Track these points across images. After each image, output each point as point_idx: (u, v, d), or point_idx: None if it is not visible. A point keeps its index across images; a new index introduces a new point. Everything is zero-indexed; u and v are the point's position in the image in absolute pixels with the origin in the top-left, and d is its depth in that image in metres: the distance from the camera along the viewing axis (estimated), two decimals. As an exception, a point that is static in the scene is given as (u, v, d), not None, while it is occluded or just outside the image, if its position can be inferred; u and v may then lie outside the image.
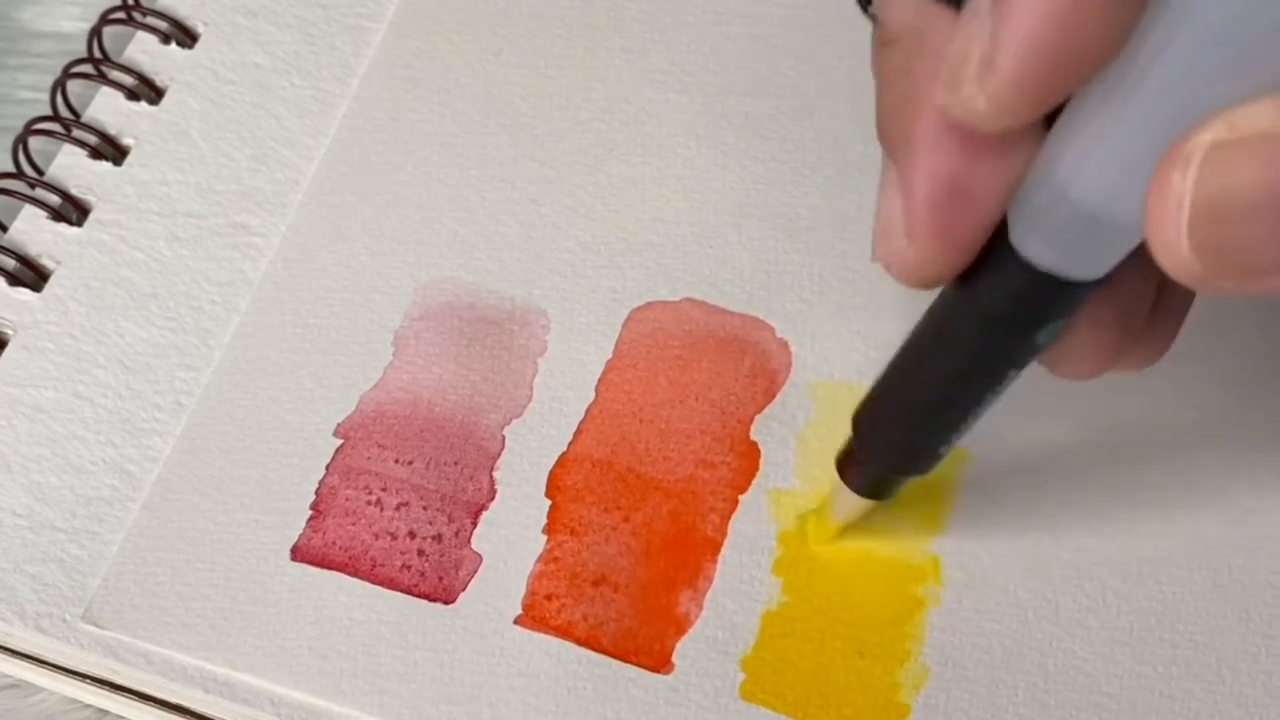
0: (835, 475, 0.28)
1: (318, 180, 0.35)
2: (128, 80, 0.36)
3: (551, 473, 0.31)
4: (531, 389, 0.32)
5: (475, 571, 0.30)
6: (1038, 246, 0.20)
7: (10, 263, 0.34)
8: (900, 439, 0.26)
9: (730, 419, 0.31)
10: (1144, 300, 0.24)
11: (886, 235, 0.22)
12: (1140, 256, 0.19)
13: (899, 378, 0.25)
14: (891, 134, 0.22)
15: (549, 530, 0.30)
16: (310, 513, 0.31)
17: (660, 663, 0.29)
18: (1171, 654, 0.29)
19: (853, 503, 0.28)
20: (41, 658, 0.31)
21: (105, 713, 0.32)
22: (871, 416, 0.27)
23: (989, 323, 0.22)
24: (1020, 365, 0.23)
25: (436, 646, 0.30)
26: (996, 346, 0.23)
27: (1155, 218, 0.17)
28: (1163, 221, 0.17)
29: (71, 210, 0.35)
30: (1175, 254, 0.17)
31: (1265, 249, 0.17)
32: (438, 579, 0.30)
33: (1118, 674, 0.29)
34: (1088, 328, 0.23)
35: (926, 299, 0.27)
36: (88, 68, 0.36)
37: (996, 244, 0.21)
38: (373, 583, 0.30)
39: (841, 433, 0.27)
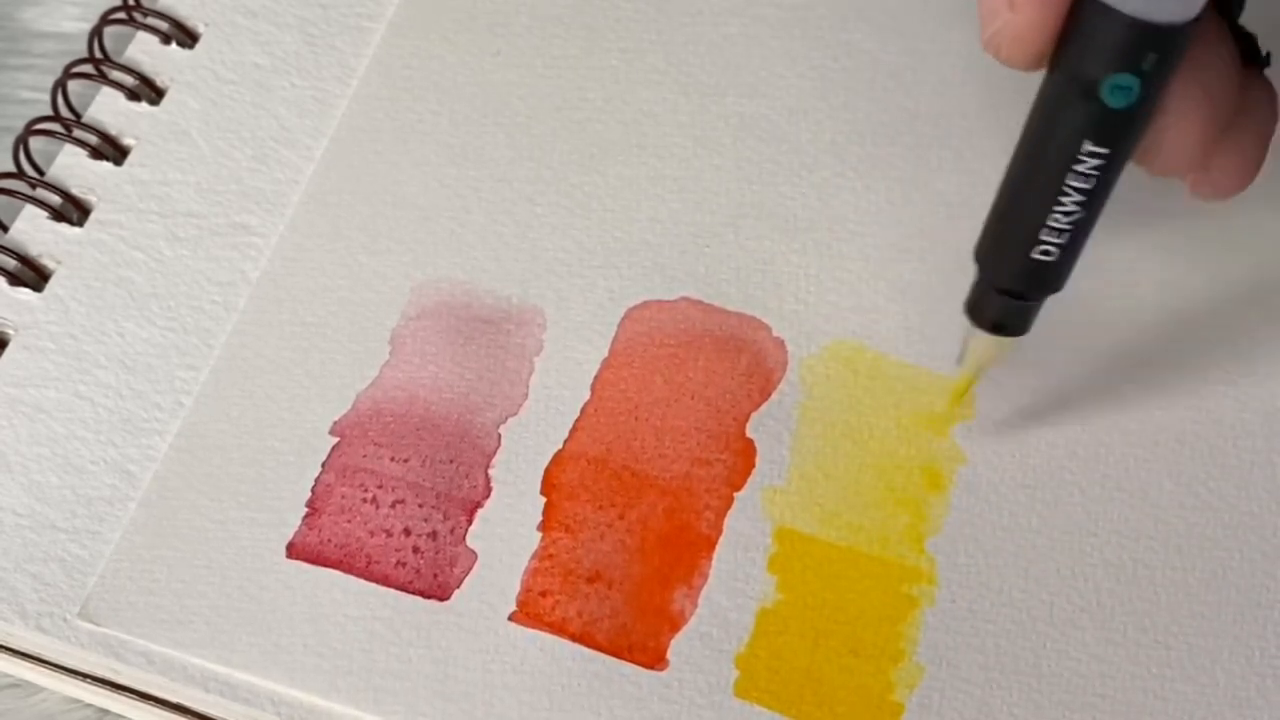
0: (966, 322, 0.28)
1: (316, 180, 0.35)
2: (128, 80, 0.37)
3: (547, 470, 0.31)
4: (527, 387, 0.32)
5: (470, 568, 0.30)
6: None
7: (11, 263, 0.34)
8: (1014, 249, 0.26)
9: (726, 417, 0.32)
10: (1228, 89, 0.25)
11: (991, 13, 0.24)
12: (1224, 50, 0.22)
13: (1009, 191, 0.26)
14: None
15: (544, 527, 0.31)
16: (306, 510, 0.31)
17: (655, 659, 0.29)
18: (1165, 655, 0.29)
19: (988, 345, 0.28)
20: (42, 657, 0.31)
21: (106, 712, 0.32)
22: (991, 242, 0.27)
23: (1064, 83, 0.24)
24: (1099, 137, 0.24)
25: (431, 643, 0.30)
26: (1072, 110, 0.24)
27: None
28: None
29: (72, 210, 0.35)
30: None
31: None
32: (433, 576, 0.30)
33: (1111, 675, 0.29)
34: (1176, 112, 0.24)
35: (928, 286, 0.27)
36: (88, 68, 0.37)
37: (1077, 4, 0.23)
38: (368, 580, 0.30)
39: (834, 401, 0.27)
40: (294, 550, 0.31)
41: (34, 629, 0.30)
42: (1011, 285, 0.27)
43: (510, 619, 0.30)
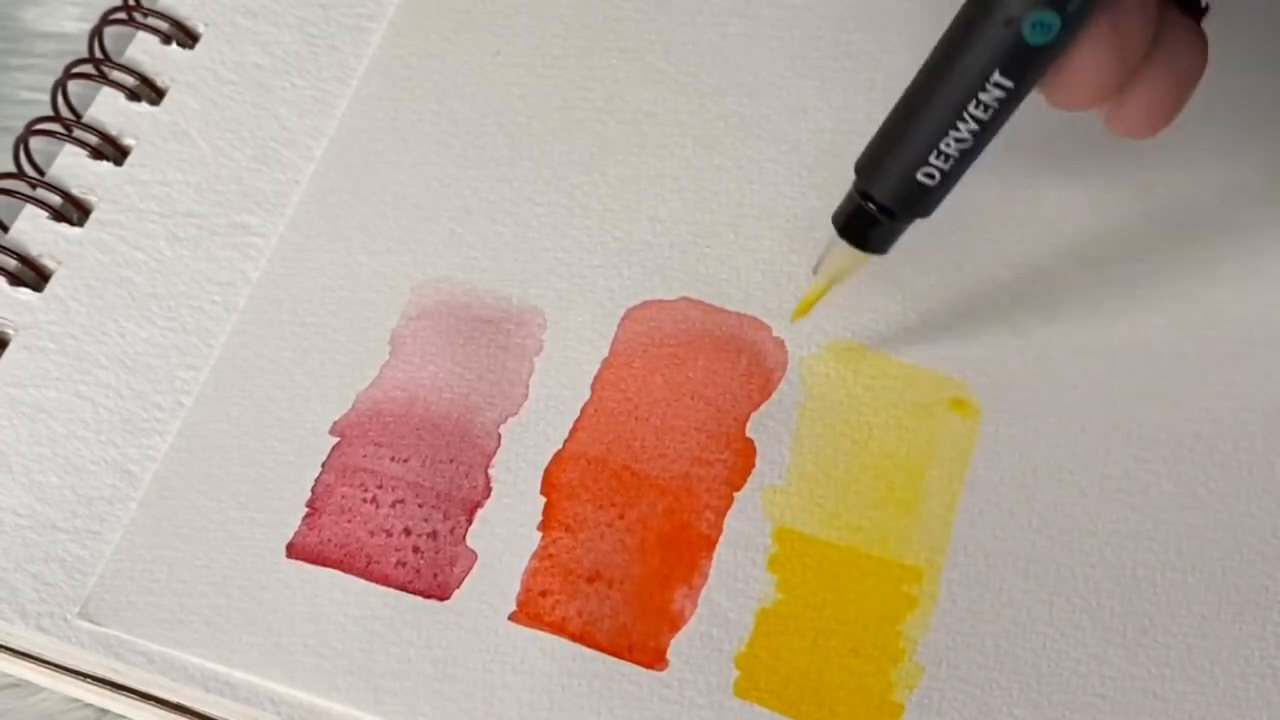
0: (830, 230, 0.29)
1: (316, 180, 0.35)
2: (128, 81, 0.37)
3: (547, 470, 0.31)
4: (527, 387, 0.32)
5: (470, 568, 0.30)
6: None
7: (11, 263, 0.34)
8: (894, 165, 0.27)
9: (726, 417, 0.32)
10: (1141, 28, 0.25)
11: None
12: None
13: (904, 108, 0.26)
14: None
15: (544, 527, 0.31)
16: (306, 510, 0.31)
17: (655, 659, 0.29)
18: (1165, 655, 0.29)
19: (847, 257, 0.29)
20: (42, 657, 0.31)
21: (106, 712, 0.32)
22: (874, 155, 0.27)
23: (1001, 18, 0.24)
24: (1009, 70, 0.24)
25: (431, 643, 0.30)
26: (986, 40, 0.24)
27: None
28: None
29: (72, 210, 0.35)
30: None
31: None
32: (433, 576, 0.30)
33: (1111, 675, 0.29)
34: (1087, 47, 0.24)
35: (929, 286, 0.27)
36: (89, 68, 0.37)
37: None
38: (368, 580, 0.30)
39: (834, 401, 0.27)
40: (294, 550, 0.31)
41: (34, 629, 0.30)
42: (885, 201, 0.28)
43: (510, 619, 0.30)
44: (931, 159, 0.26)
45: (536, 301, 0.33)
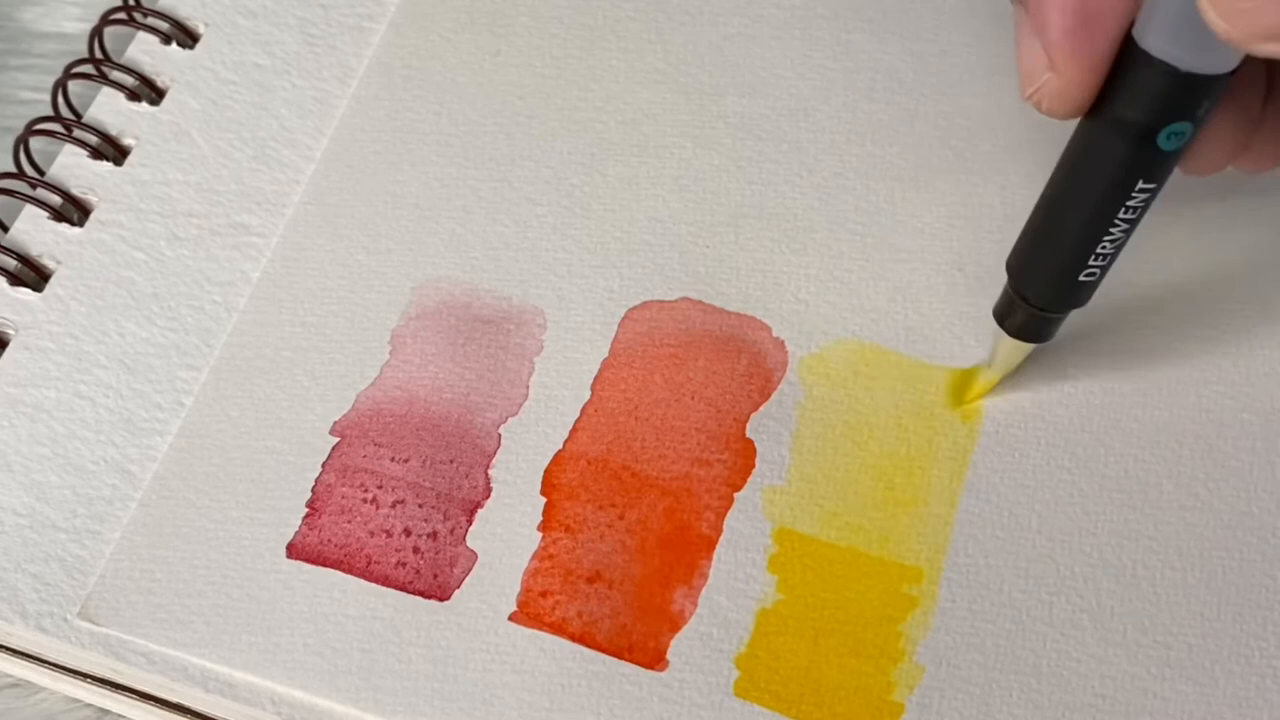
0: (995, 327, 0.30)
1: (316, 180, 0.35)
2: (129, 81, 0.37)
3: (547, 470, 0.31)
4: (527, 387, 0.32)
5: (470, 568, 0.30)
6: (1158, 40, 0.23)
7: (11, 263, 0.34)
8: (1051, 272, 0.28)
9: (726, 417, 0.32)
10: (1257, 90, 0.26)
11: (1031, 75, 0.25)
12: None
13: (1044, 212, 0.28)
14: None
15: (544, 527, 0.31)
16: (306, 510, 0.31)
17: (655, 660, 0.29)
18: (1165, 655, 0.29)
19: (1013, 349, 0.30)
20: (43, 657, 0.31)
21: (106, 712, 0.32)
22: (1024, 256, 0.29)
23: (1119, 131, 0.25)
24: (1151, 177, 0.25)
25: (431, 643, 0.30)
26: (1126, 155, 0.25)
27: None
28: None
29: (72, 210, 0.35)
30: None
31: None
32: (433, 576, 0.30)
33: (1111, 675, 0.29)
34: (1214, 136, 0.26)
35: (929, 286, 0.27)
36: (89, 68, 0.37)
37: (1125, 56, 0.24)
38: (368, 580, 0.30)
39: (834, 401, 0.27)
40: (294, 550, 0.31)
41: (34, 629, 0.30)
42: (1047, 305, 0.29)
43: (510, 619, 0.30)
44: (1092, 263, 0.27)
45: (536, 301, 0.33)
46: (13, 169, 0.36)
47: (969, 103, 0.35)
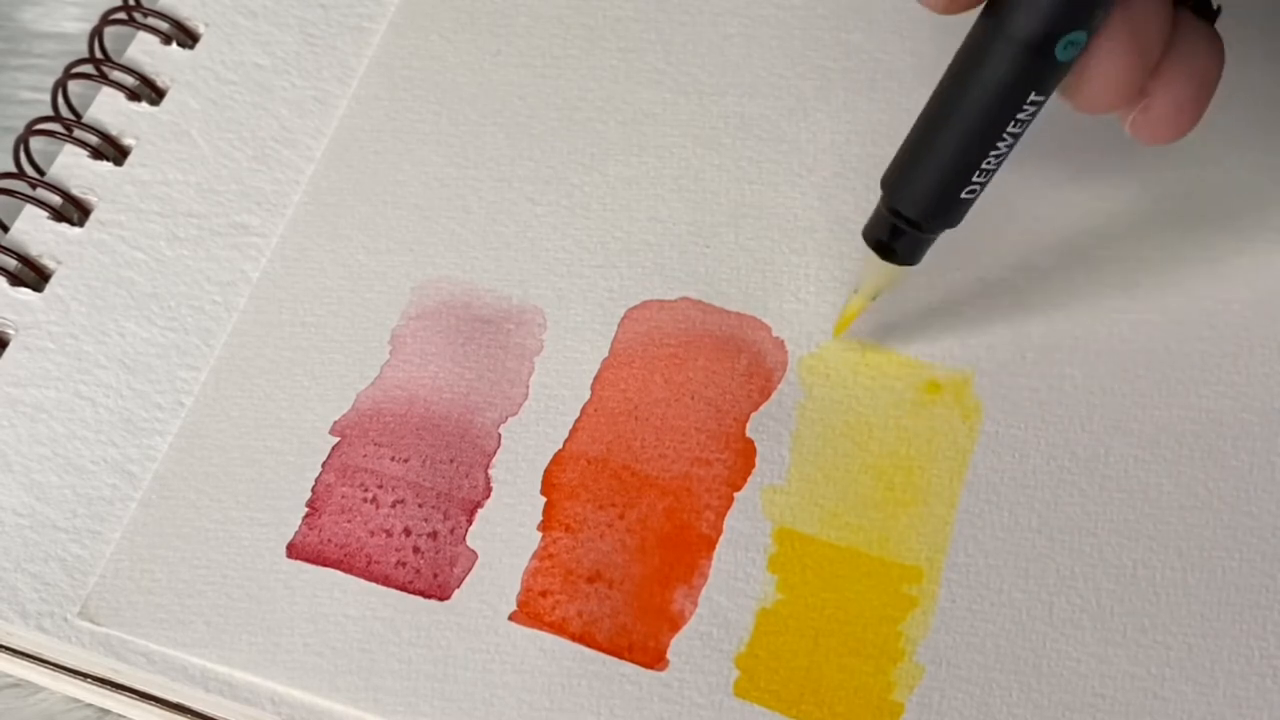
0: (864, 247, 0.29)
1: (316, 180, 0.35)
2: (129, 81, 0.37)
3: (547, 470, 0.31)
4: (528, 387, 0.32)
5: (470, 568, 0.30)
6: None
7: (11, 263, 0.34)
8: (930, 186, 0.27)
9: (726, 417, 0.32)
10: (1158, 26, 0.25)
11: None
12: None
13: (926, 123, 0.27)
14: None
15: (544, 527, 0.31)
16: (306, 510, 0.31)
17: (655, 659, 0.29)
18: (1165, 655, 0.29)
19: (883, 271, 0.29)
20: (43, 657, 0.31)
21: (106, 712, 0.32)
22: (903, 171, 0.28)
23: (1013, 40, 0.24)
24: (1043, 88, 0.25)
25: (431, 643, 0.30)
26: (1020, 65, 0.24)
27: None
28: None
29: (72, 210, 0.35)
30: None
31: None
32: (433, 576, 0.30)
33: (1111, 675, 0.29)
34: (1105, 51, 0.25)
35: (928, 286, 0.27)
36: (89, 68, 0.37)
37: None
38: (368, 580, 0.30)
39: (834, 401, 0.27)
40: (294, 550, 0.31)
41: (34, 629, 0.30)
42: (921, 219, 0.28)
43: (510, 619, 0.30)
44: (974, 178, 0.27)
45: (537, 301, 0.33)
46: (13, 169, 0.36)
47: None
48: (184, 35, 0.37)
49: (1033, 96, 0.25)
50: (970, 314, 0.32)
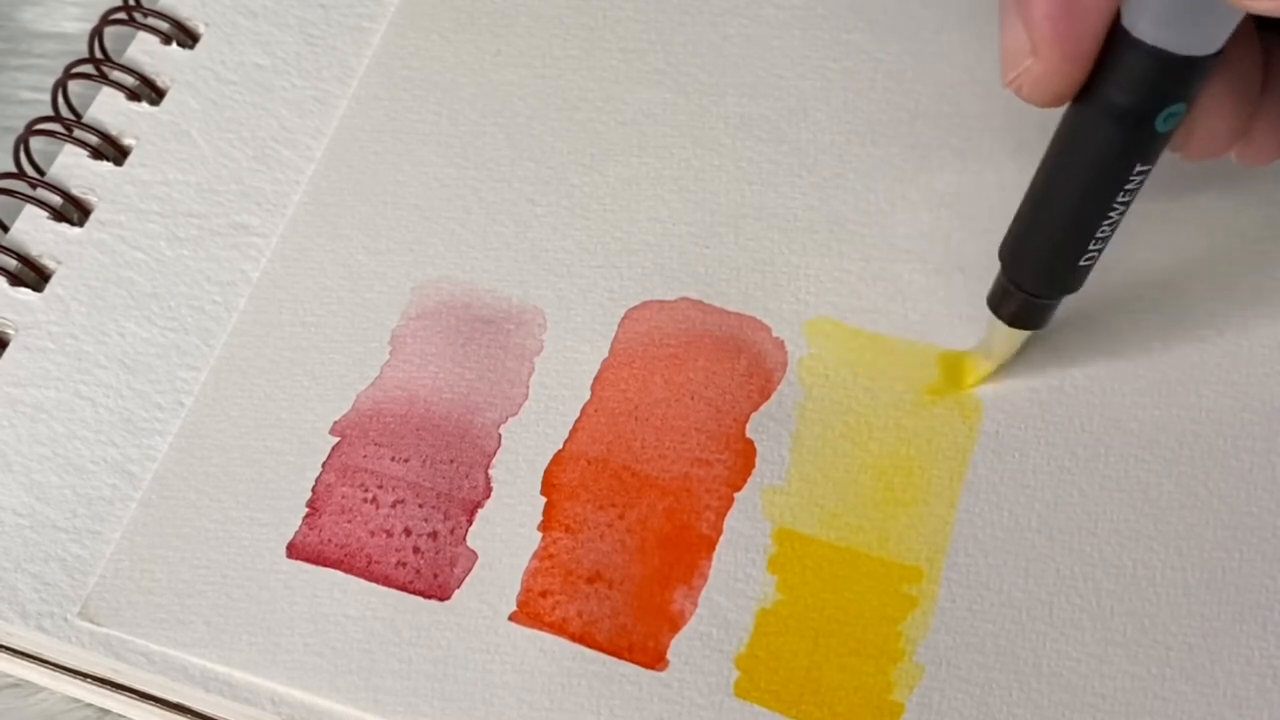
0: (989, 314, 0.30)
1: (316, 180, 0.35)
2: (129, 81, 0.37)
3: (547, 470, 0.31)
4: (528, 387, 0.32)
5: (470, 568, 0.30)
6: (1148, 25, 0.23)
7: (11, 263, 0.34)
8: (1046, 258, 0.28)
9: (726, 417, 0.32)
10: (1254, 72, 0.26)
11: (1014, 59, 0.25)
12: (1244, 31, 0.23)
13: (1036, 199, 0.27)
14: None
15: (544, 527, 0.31)
16: (306, 510, 0.31)
17: (655, 660, 0.29)
18: (1165, 655, 0.29)
19: (1008, 336, 0.30)
20: (43, 657, 0.31)
21: (106, 712, 0.32)
22: (1016, 244, 0.28)
23: (1113, 116, 0.25)
24: (1147, 159, 0.25)
25: (431, 643, 0.30)
26: (1122, 140, 0.25)
27: None
28: None
29: (72, 210, 0.35)
30: None
31: None
32: (433, 576, 0.30)
33: (1111, 675, 0.29)
34: (1207, 111, 0.25)
35: (929, 287, 0.28)
36: (89, 68, 0.37)
37: (1113, 40, 0.24)
38: (368, 580, 0.30)
39: (833, 401, 0.27)
40: (294, 550, 0.31)
41: (34, 629, 0.30)
42: (1040, 291, 0.29)
43: (510, 619, 0.30)
44: (1092, 248, 0.27)
45: (537, 301, 0.33)
46: (13, 169, 0.36)
47: (969, 103, 0.35)
48: (184, 35, 0.37)
49: (1138, 167, 0.25)
50: (972, 314, 0.32)
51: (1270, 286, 0.32)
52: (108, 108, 0.37)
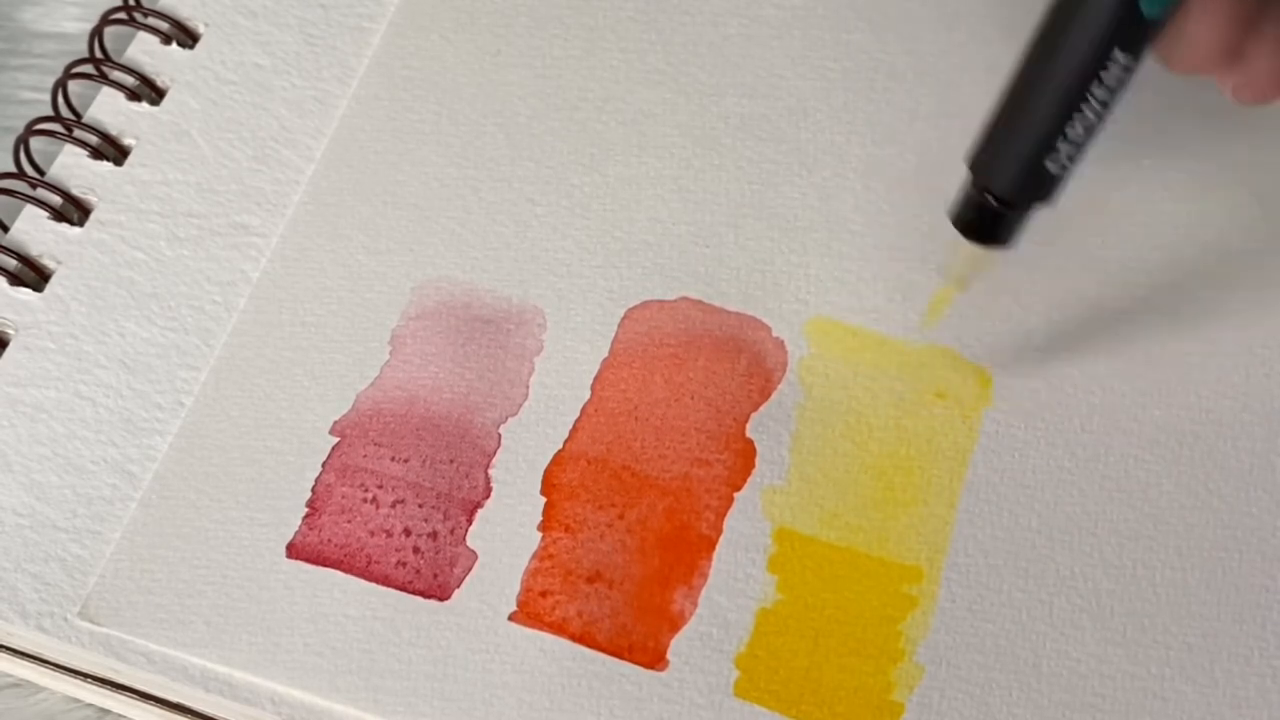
0: (953, 232, 0.28)
1: (316, 180, 0.35)
2: (129, 81, 0.37)
3: (547, 470, 0.31)
4: (528, 387, 0.32)
5: (470, 568, 0.30)
6: None
7: (11, 263, 0.34)
8: (1019, 156, 0.26)
9: (726, 417, 0.32)
10: None
11: None
12: None
13: (1012, 90, 0.26)
14: None
15: (544, 527, 0.31)
16: (306, 510, 0.31)
17: (655, 659, 0.29)
18: (1165, 655, 0.29)
19: (971, 255, 0.28)
20: (43, 657, 0.31)
21: (106, 712, 0.32)
22: (988, 143, 0.27)
23: None
24: (1126, 45, 0.24)
25: (431, 643, 0.30)
26: (1107, 17, 0.24)
27: None
28: None
29: (72, 210, 0.35)
30: None
31: None
32: (433, 576, 0.30)
33: (1111, 675, 0.29)
34: (1199, 7, 0.24)
35: (929, 286, 0.29)
36: (89, 68, 0.37)
37: None
38: (368, 580, 0.30)
39: (833, 401, 0.27)
40: (294, 550, 0.31)
41: (34, 629, 0.30)
42: (1010, 193, 0.27)
43: (510, 619, 0.30)
44: (1059, 145, 0.26)
45: (536, 301, 0.33)
46: (13, 169, 0.36)
47: (969, 103, 0.35)
48: (184, 35, 0.37)
49: (1118, 55, 0.24)
50: (972, 314, 0.32)
51: (1270, 286, 0.32)
52: (108, 108, 0.37)
